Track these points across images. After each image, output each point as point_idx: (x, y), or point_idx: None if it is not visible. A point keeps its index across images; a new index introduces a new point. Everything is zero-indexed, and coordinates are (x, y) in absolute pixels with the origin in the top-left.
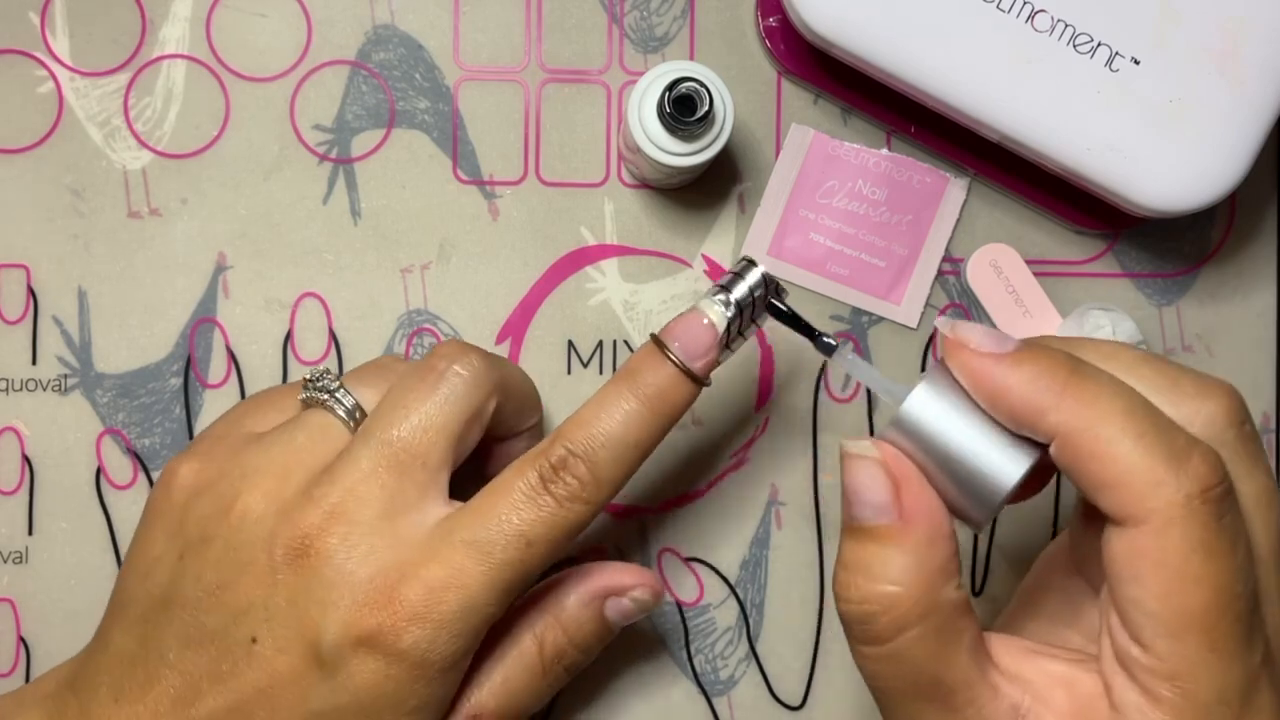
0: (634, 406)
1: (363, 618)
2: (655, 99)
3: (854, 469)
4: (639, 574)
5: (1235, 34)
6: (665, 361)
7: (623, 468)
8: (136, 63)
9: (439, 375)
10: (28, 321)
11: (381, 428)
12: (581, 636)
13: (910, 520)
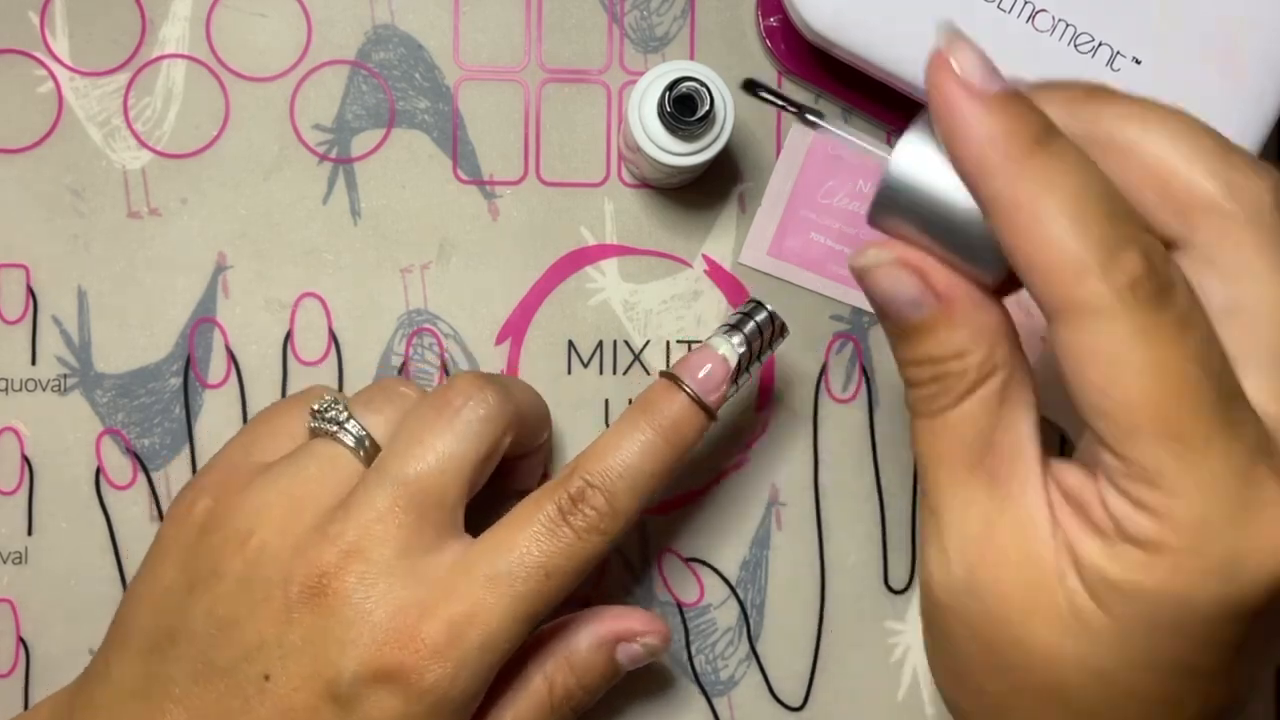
0: (650, 438)
1: (384, 656)
2: (655, 99)
3: (876, 280)
4: (649, 620)
5: (1236, 34)
6: (680, 394)
7: (639, 499)
8: (136, 62)
9: (455, 411)
10: (27, 321)
11: (398, 465)
12: (590, 679)
13: (951, 297)
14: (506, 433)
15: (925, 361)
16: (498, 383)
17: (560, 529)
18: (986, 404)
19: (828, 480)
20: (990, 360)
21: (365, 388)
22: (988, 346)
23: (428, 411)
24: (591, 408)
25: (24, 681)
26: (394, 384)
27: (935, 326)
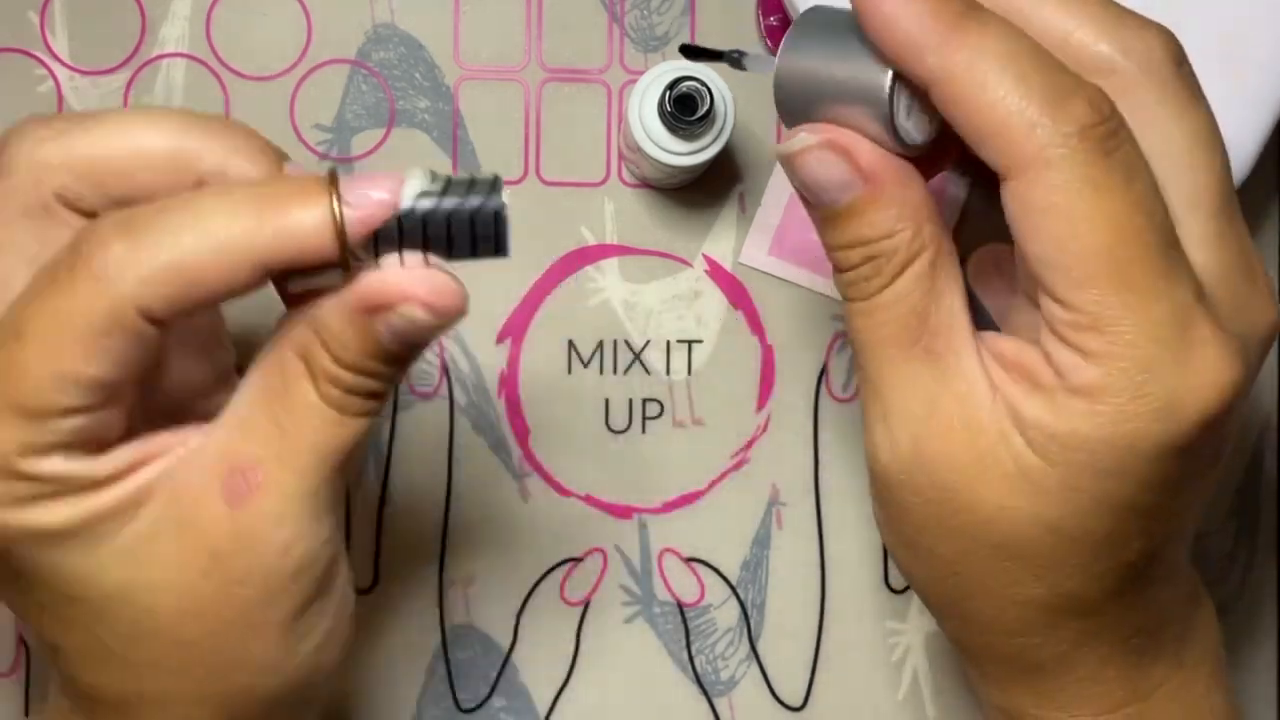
0: (244, 207)
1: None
2: (656, 98)
3: (805, 164)
4: (419, 279)
5: (1236, 34)
6: (324, 194)
7: (177, 263)
8: (136, 61)
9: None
10: None
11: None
12: (350, 357)
13: (877, 177)
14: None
15: (856, 244)
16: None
17: (57, 275)
18: (919, 281)
19: (828, 480)
20: (919, 237)
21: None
22: (916, 223)
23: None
24: (591, 408)
25: (24, 682)
26: None
27: (864, 208)
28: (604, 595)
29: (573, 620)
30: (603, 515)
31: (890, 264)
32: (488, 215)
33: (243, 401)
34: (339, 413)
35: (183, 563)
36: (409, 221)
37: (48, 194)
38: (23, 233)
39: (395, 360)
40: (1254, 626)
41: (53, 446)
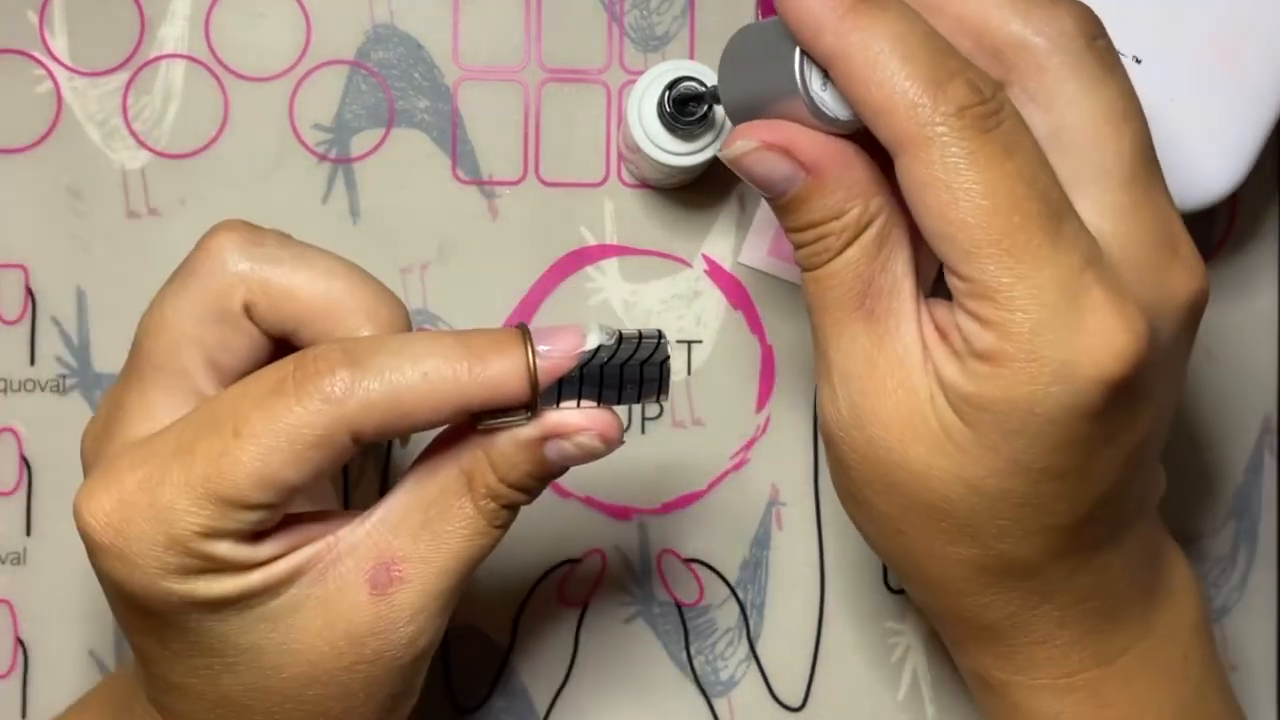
0: (448, 351)
1: (79, 523)
2: (655, 98)
3: (748, 166)
4: (591, 415)
5: (1236, 33)
6: (520, 347)
7: (391, 396)
8: (135, 62)
9: (185, 263)
10: (26, 322)
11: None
12: (516, 478)
13: (818, 165)
14: (233, 288)
15: (807, 227)
16: (242, 233)
17: (283, 387)
18: (865, 250)
19: (828, 480)
20: (866, 213)
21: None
22: (862, 200)
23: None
24: None
25: (22, 682)
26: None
27: (810, 196)
28: (603, 596)
29: (572, 621)
30: (602, 516)
31: (839, 239)
32: (654, 367)
33: (397, 504)
34: (487, 523)
35: (319, 637)
36: (588, 373)
37: (240, 305)
38: (210, 333)
39: (548, 479)
40: (1254, 627)
41: (228, 533)
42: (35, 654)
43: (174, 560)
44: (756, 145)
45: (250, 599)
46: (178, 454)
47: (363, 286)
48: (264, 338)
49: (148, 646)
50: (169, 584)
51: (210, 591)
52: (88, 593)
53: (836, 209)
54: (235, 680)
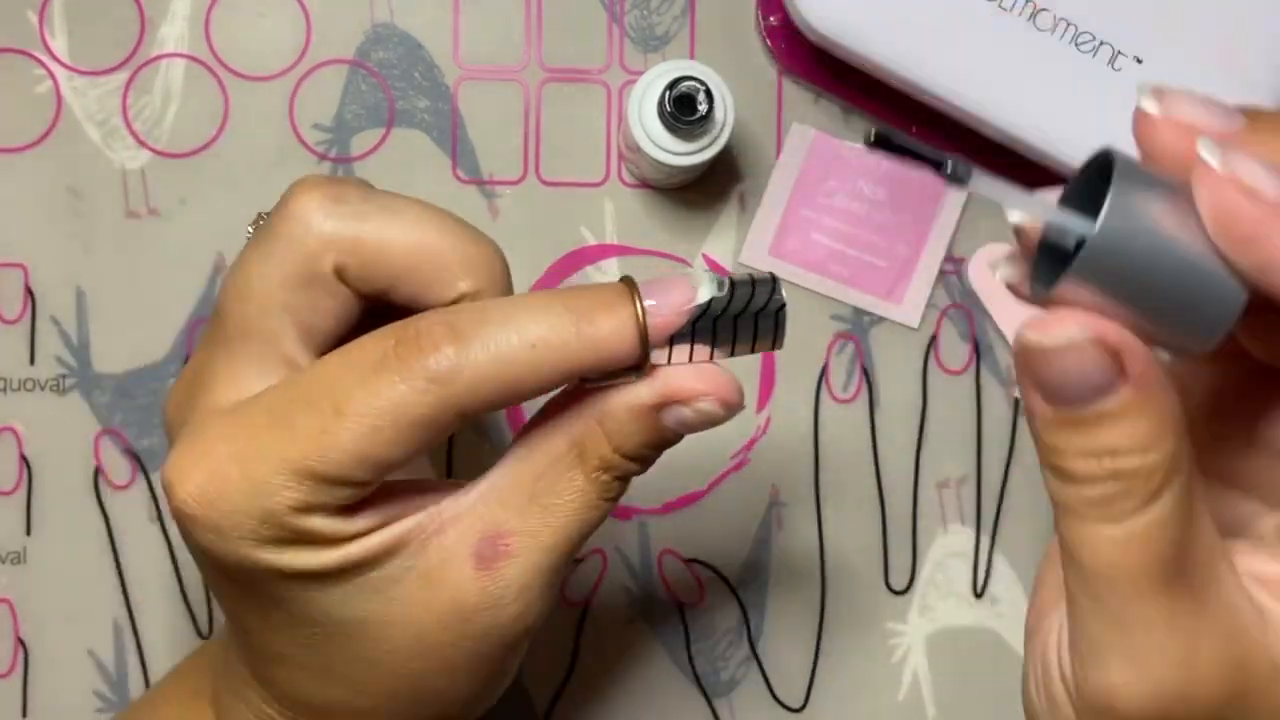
0: (558, 318)
1: (167, 496)
2: (655, 98)
3: (1058, 361)
4: (711, 378)
5: (1236, 34)
6: (630, 305)
7: (500, 367)
8: (135, 62)
9: (268, 226)
10: (25, 321)
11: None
12: (631, 446)
13: (1145, 383)
14: (323, 253)
15: (1101, 454)
16: (337, 189)
17: (385, 364)
18: (1179, 503)
19: (828, 480)
20: (1178, 454)
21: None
22: (1175, 438)
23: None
24: None
25: (22, 682)
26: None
27: (1120, 415)
28: (604, 596)
29: (572, 621)
30: None
31: (1145, 485)
32: (770, 314)
33: (504, 477)
34: (599, 496)
35: (424, 609)
36: (701, 323)
37: (329, 267)
38: (300, 298)
39: (665, 447)
40: None
41: (323, 508)
42: (35, 653)
43: (268, 533)
44: (1088, 338)
45: (349, 571)
46: (273, 427)
47: (455, 234)
48: (356, 297)
49: (247, 617)
50: (264, 555)
51: (306, 563)
52: (88, 592)
53: (1145, 440)
54: (337, 650)
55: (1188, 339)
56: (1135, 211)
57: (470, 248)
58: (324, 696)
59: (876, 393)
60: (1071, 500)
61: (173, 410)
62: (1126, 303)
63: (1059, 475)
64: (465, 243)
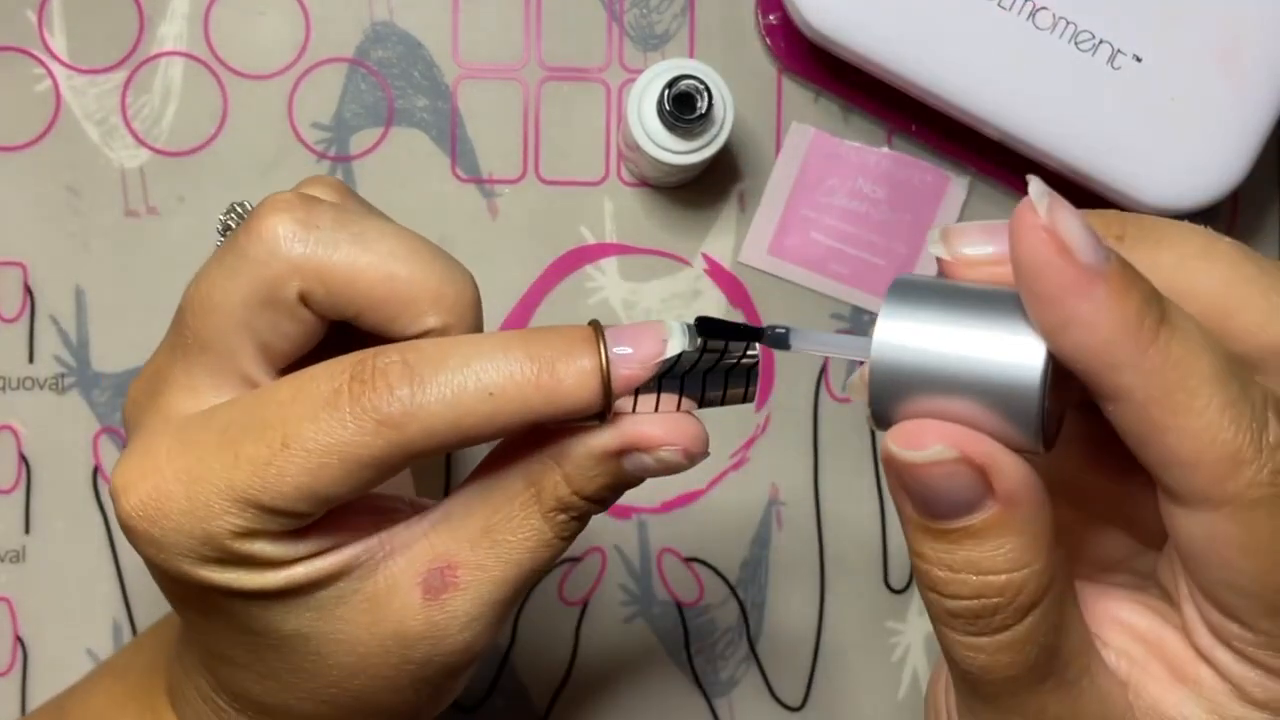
0: (517, 364)
1: (113, 493)
2: (655, 97)
3: (926, 478)
4: (674, 427)
5: (1237, 32)
6: (593, 353)
7: (453, 414)
8: (134, 60)
9: (235, 242)
10: (24, 320)
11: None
12: (592, 489)
13: (1014, 499)
14: (288, 278)
15: (968, 570)
16: (312, 209)
17: (338, 400)
18: (1048, 619)
19: (828, 480)
20: (1048, 571)
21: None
22: (1045, 556)
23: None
24: None
25: (21, 680)
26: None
27: (987, 533)
28: (603, 595)
29: (571, 620)
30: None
31: (1014, 605)
32: (741, 371)
33: (459, 508)
34: (554, 535)
35: (366, 632)
36: (669, 375)
37: (293, 293)
38: (261, 319)
39: (624, 490)
40: None
41: (265, 534)
42: (34, 652)
43: (209, 554)
44: (956, 456)
45: (292, 591)
46: (220, 450)
47: (427, 268)
48: (320, 322)
49: (193, 620)
50: (205, 572)
51: (248, 584)
52: (87, 590)
53: (1015, 561)
54: (281, 660)
55: (1022, 427)
56: (912, 319)
57: (442, 283)
58: (268, 699)
59: None
60: (938, 611)
61: (130, 407)
62: (954, 403)
63: (925, 582)
64: (437, 277)
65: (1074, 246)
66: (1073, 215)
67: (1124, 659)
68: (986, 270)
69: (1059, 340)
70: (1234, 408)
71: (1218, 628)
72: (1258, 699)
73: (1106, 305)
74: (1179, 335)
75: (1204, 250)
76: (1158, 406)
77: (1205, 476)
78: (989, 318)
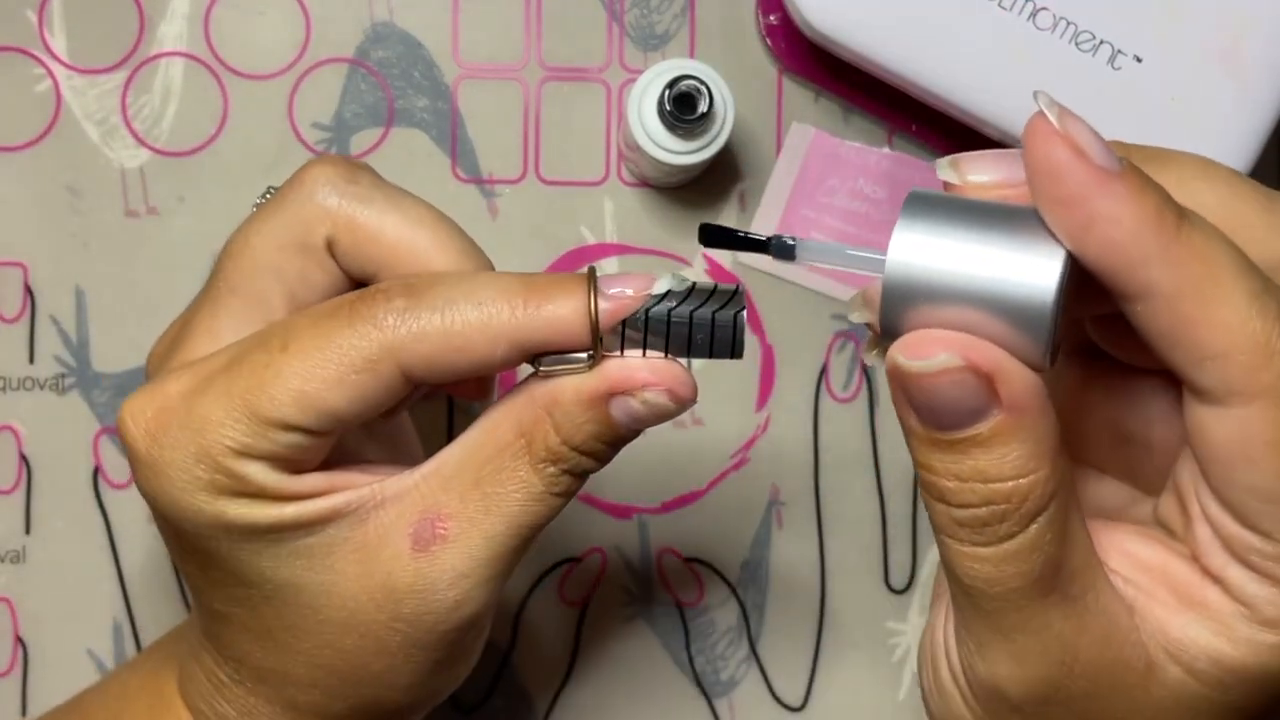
0: (509, 288)
1: (120, 424)
2: (655, 97)
3: (932, 388)
4: (660, 370)
5: (1238, 32)
6: (584, 287)
7: (448, 326)
8: (134, 60)
9: (278, 192)
10: (25, 320)
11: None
12: (580, 439)
13: (1020, 406)
14: (318, 222)
15: (974, 479)
16: (344, 169)
17: (339, 311)
18: (1052, 526)
19: (828, 480)
20: (1053, 479)
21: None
22: (1050, 464)
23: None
24: None
25: (21, 681)
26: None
27: (994, 442)
28: (603, 595)
29: (572, 620)
30: (602, 515)
31: (1020, 511)
32: (726, 321)
33: (451, 459)
34: (546, 489)
35: (356, 583)
36: (655, 319)
37: (322, 238)
38: (290, 262)
39: (618, 443)
40: None
41: (263, 455)
42: (34, 652)
43: (204, 475)
44: (962, 364)
45: (283, 532)
46: (225, 369)
47: (450, 239)
48: (344, 277)
49: (191, 573)
50: (197, 501)
51: (240, 516)
52: (87, 591)
53: (1020, 468)
54: (275, 615)
55: (1032, 339)
56: (927, 232)
57: (462, 255)
58: (264, 661)
59: (876, 392)
60: (944, 522)
61: (152, 361)
62: (964, 315)
63: (932, 494)
64: (456, 250)
65: (1089, 150)
66: (1083, 122)
67: (1130, 586)
68: (996, 193)
69: (1083, 241)
70: (1261, 299)
71: (1234, 541)
72: (1269, 617)
73: (1129, 200)
74: (1200, 230)
75: (1202, 171)
76: (1187, 299)
77: (1238, 368)
78: (1005, 230)
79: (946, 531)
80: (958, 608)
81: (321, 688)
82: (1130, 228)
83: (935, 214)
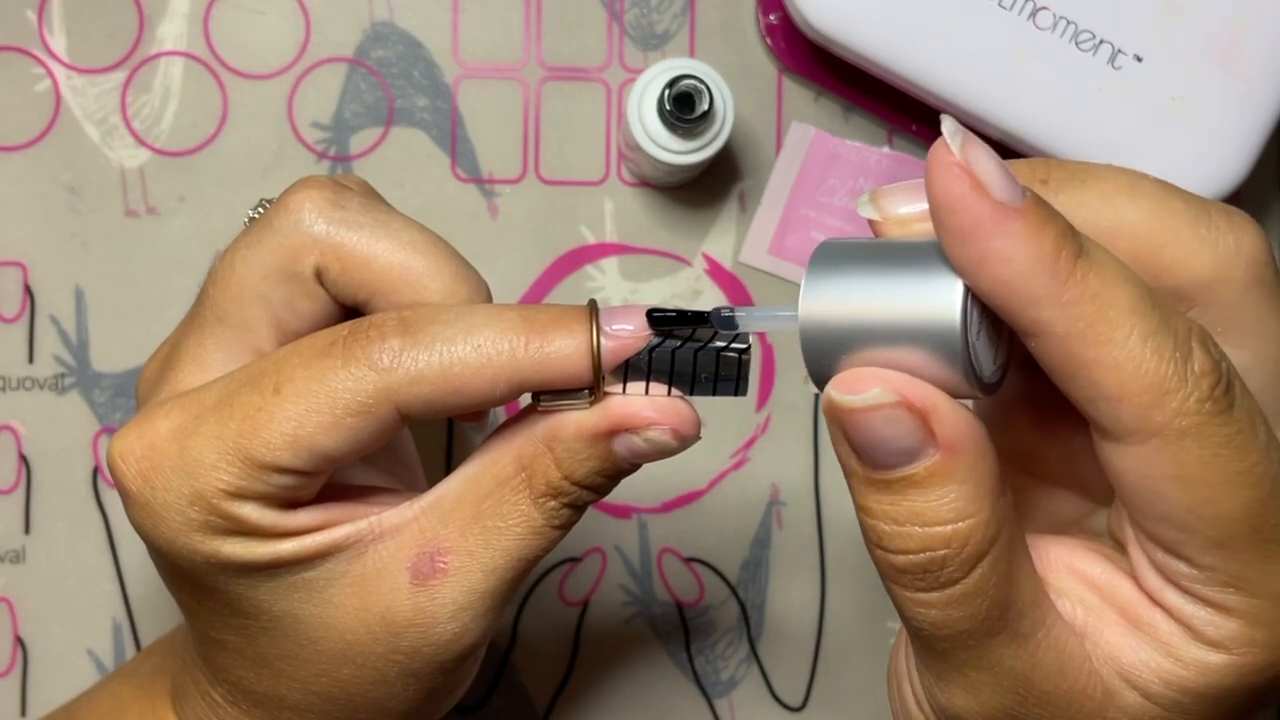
0: (511, 323)
1: (109, 458)
2: (655, 96)
3: (872, 423)
4: (664, 408)
5: (1238, 31)
6: (585, 324)
7: (443, 364)
8: (134, 60)
9: (264, 216)
10: (24, 320)
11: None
12: (581, 474)
13: (955, 445)
14: (305, 252)
15: (913, 522)
16: (336, 192)
17: (332, 350)
18: (999, 569)
19: (828, 480)
20: (994, 521)
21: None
22: (990, 505)
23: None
24: None
25: (21, 681)
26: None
27: (930, 482)
28: (603, 595)
29: (572, 620)
30: (602, 515)
31: (960, 557)
32: (731, 358)
33: (450, 492)
34: (546, 523)
35: (354, 617)
36: (659, 355)
37: (309, 267)
38: (276, 291)
39: (618, 476)
40: None
41: (256, 495)
42: (34, 652)
43: (198, 517)
44: (895, 400)
45: (280, 567)
46: (216, 407)
47: (443, 263)
48: (333, 304)
49: (186, 601)
50: (193, 541)
51: (236, 554)
52: (87, 591)
53: (957, 511)
54: (271, 645)
55: (951, 368)
56: (835, 281)
57: (455, 279)
58: (260, 687)
59: None
60: (886, 569)
61: (143, 385)
62: (887, 355)
63: (871, 539)
64: (449, 275)
65: (988, 182)
66: (986, 152)
67: (1080, 607)
68: (918, 228)
69: (977, 276)
70: (1156, 338)
71: (1164, 568)
72: (1211, 638)
73: (1022, 239)
74: (1097, 268)
75: (1129, 186)
76: (1078, 340)
77: (1131, 408)
78: (909, 265)
79: (890, 578)
80: (912, 643)
81: (317, 713)
82: (1021, 268)
83: (842, 261)
